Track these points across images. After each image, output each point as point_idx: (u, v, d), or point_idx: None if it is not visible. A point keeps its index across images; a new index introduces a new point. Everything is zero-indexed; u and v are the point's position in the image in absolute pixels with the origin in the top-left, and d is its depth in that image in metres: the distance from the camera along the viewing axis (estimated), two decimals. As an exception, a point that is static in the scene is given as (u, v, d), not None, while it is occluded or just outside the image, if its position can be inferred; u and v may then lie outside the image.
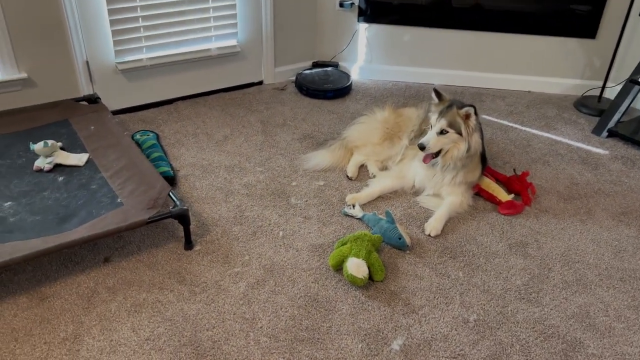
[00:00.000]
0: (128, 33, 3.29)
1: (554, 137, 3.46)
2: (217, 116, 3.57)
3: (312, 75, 4.04)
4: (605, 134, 3.46)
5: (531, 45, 3.95)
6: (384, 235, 2.42)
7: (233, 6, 3.61)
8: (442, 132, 2.55)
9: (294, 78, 4.14)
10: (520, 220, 2.66)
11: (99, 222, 2.23)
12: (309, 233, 2.52)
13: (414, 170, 2.81)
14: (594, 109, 3.78)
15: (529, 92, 4.10)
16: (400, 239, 2.38)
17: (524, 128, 3.56)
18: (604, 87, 3.79)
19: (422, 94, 4.01)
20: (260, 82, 4.07)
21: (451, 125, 2.54)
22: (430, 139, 2.55)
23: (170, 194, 2.41)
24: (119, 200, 2.38)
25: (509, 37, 3.95)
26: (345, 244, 2.33)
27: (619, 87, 3.78)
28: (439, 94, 2.62)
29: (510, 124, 3.61)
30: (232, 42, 3.74)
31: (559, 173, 3.06)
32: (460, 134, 2.55)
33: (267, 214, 2.64)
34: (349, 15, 4.06)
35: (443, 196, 2.72)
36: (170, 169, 2.87)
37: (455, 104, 2.59)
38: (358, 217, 2.60)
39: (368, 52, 4.19)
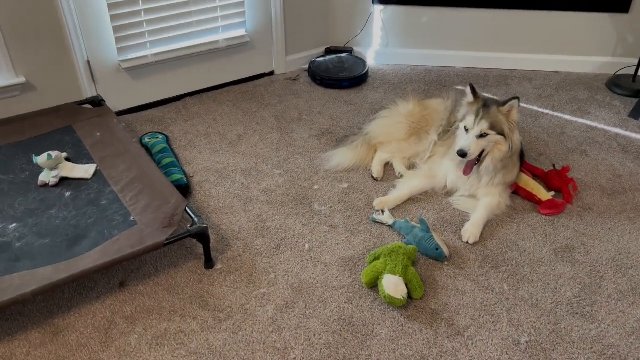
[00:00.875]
0: (130, 28, 3.06)
1: (588, 122, 3.23)
2: (229, 113, 3.36)
3: (326, 63, 3.81)
4: (644, 117, 3.23)
5: (558, 22, 3.69)
6: (419, 246, 2.24)
7: (240, -6, 3.37)
8: (482, 135, 2.33)
9: (306, 66, 3.90)
10: (563, 220, 2.46)
11: (113, 245, 2.06)
12: (337, 244, 2.33)
13: (446, 170, 2.60)
14: (628, 89, 3.54)
15: (557, 72, 3.85)
16: (437, 249, 2.20)
17: (555, 114, 3.34)
18: (639, 64, 3.54)
19: (444, 79, 3.77)
20: (272, 73, 3.84)
21: (493, 126, 2.32)
22: (471, 144, 2.33)
23: (187, 209, 2.22)
24: (132, 218, 2.20)
25: (533, 15, 3.69)
26: (378, 257, 2.15)
27: (656, 65, 3.54)
28: (474, 91, 2.39)
29: (541, 110, 3.39)
30: (241, 31, 3.51)
31: (599, 164, 2.84)
32: (502, 134, 2.34)
33: (290, 224, 2.45)
34: (363, -3, 3.80)
35: (479, 197, 2.52)
36: (183, 176, 2.68)
37: (492, 101, 2.37)
38: (388, 224, 2.41)
39: (384, 36, 3.94)
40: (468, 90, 2.41)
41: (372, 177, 2.75)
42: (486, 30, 3.80)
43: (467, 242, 2.33)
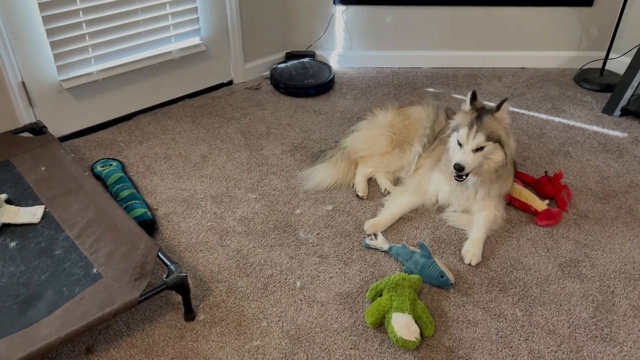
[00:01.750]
0: (71, 43, 2.70)
1: (565, 121, 3.16)
2: (189, 130, 3.05)
3: (289, 69, 3.56)
4: (618, 112, 3.19)
5: (522, 17, 3.60)
6: (421, 274, 2.05)
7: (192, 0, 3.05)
8: (478, 149, 2.17)
9: (267, 74, 3.64)
10: (561, 230, 2.35)
11: (76, 307, 1.74)
12: (331, 278, 2.11)
13: (436, 184, 2.43)
14: (597, 83, 3.51)
15: (523, 68, 3.78)
16: (442, 276, 2.02)
17: (531, 113, 3.25)
18: (606, 59, 3.51)
19: (412, 80, 3.61)
20: (230, 82, 3.55)
21: (489, 137, 2.15)
22: (467, 158, 2.16)
23: (160, 254, 1.93)
24: (95, 270, 1.88)
25: (498, 11, 3.59)
26: (380, 292, 1.95)
27: (622, 59, 3.52)
28: (474, 98, 2.21)
29: (516, 110, 3.28)
30: (195, 40, 3.20)
31: (584, 165, 2.76)
32: (498, 141, 2.18)
33: (275, 257, 2.20)
34: (324, -2, 3.57)
35: (473, 211, 2.36)
36: (147, 209, 2.37)
37: (485, 109, 2.21)
38: (384, 249, 2.21)
39: (347, 38, 3.73)
40: (468, 98, 2.22)
41: (357, 195, 2.54)
42: (452, 28, 3.67)
43: (470, 264, 2.16)
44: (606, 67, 3.56)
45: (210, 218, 2.41)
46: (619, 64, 3.55)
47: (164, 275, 1.85)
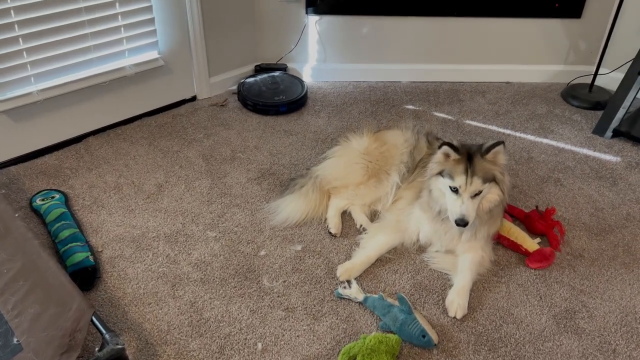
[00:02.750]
0: (6, 60, 2.38)
1: (554, 143, 2.94)
2: (144, 155, 2.75)
3: (258, 84, 3.28)
4: (609, 134, 2.99)
5: (507, 29, 3.39)
6: (400, 332, 1.80)
7: (148, 9, 2.75)
8: (477, 194, 1.93)
9: (234, 89, 3.35)
10: (554, 274, 2.12)
11: (-15, 392, 1.44)
12: (297, 337, 1.84)
13: (417, 222, 2.18)
14: (585, 100, 3.31)
15: (508, 83, 3.56)
16: (424, 336, 1.77)
17: (517, 134, 3.02)
18: (596, 74, 3.31)
19: (390, 96, 3.36)
20: (194, 98, 3.26)
21: (485, 179, 1.92)
22: (469, 208, 1.92)
23: (94, 319, 1.64)
24: (15, 340, 1.59)
25: (481, 22, 3.37)
26: (353, 357, 1.68)
27: (613, 74, 3.32)
28: (456, 149, 1.96)
29: (501, 130, 3.06)
30: (152, 54, 2.90)
31: (576, 195, 2.54)
32: (493, 180, 1.95)
33: (234, 311, 1.93)
34: (295, 7, 3.30)
35: (457, 252, 2.12)
36: (89, 253, 2.08)
37: (473, 149, 1.98)
38: (358, 300, 1.95)
39: (321, 50, 3.46)
40: (446, 149, 1.97)
41: (330, 232, 2.28)
42: (432, 40, 3.44)
43: (455, 317, 1.91)
44: (595, 83, 3.36)
45: (162, 262, 2.12)
46: (608, 79, 3.35)
47: (97, 348, 1.56)
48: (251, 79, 3.32)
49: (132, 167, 2.65)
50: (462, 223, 1.93)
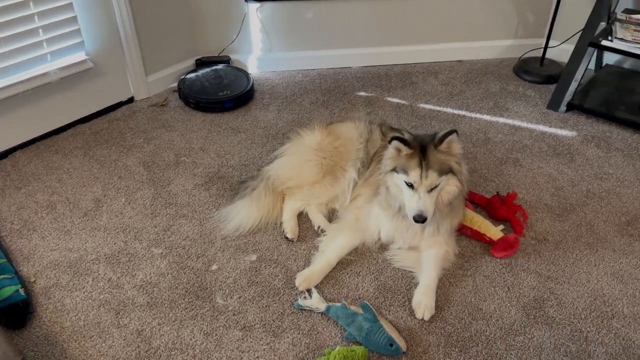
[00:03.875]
0: None
1: (510, 121, 2.88)
2: (79, 167, 2.53)
3: (200, 79, 3.07)
4: (563, 108, 2.94)
5: (455, 6, 3.29)
6: (366, 342, 1.69)
7: (68, 7, 2.50)
8: (433, 188, 1.82)
9: (175, 86, 3.14)
10: (520, 261, 2.05)
11: None
12: (257, 359, 1.70)
13: (377, 220, 2.06)
14: (537, 74, 3.26)
15: (460, 61, 3.47)
16: (392, 345, 1.67)
17: (473, 115, 2.94)
18: (546, 47, 3.25)
19: (342, 83, 3.22)
20: (131, 100, 3.03)
21: (441, 171, 1.81)
22: (426, 203, 1.81)
23: (23, 368, 1.45)
24: None
25: (430, 0, 3.24)
26: (319, 376, 1.56)
27: (563, 46, 3.28)
28: (407, 143, 1.84)
29: (456, 112, 2.97)
30: (79, 55, 2.66)
31: (536, 175, 2.48)
32: (450, 171, 1.84)
33: (186, 336, 1.77)
34: (234, -5, 3.10)
35: (421, 248, 2.02)
36: (19, 286, 1.87)
37: (426, 141, 1.86)
38: (320, 310, 1.83)
39: (265, 39, 3.28)
40: (397, 144, 1.85)
41: (286, 237, 2.14)
42: (381, 22, 3.30)
43: (423, 319, 1.81)
44: (546, 56, 3.30)
45: (104, 287, 1.94)
46: (559, 51, 3.31)
47: (27, 403, 1.38)
48: (192, 75, 3.11)
49: (66, 182, 2.43)
50: (420, 219, 1.82)
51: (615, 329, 1.79)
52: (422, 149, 1.84)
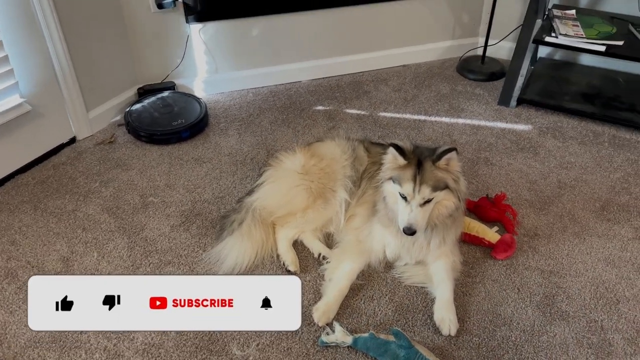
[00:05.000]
0: None
1: (469, 121, 2.96)
2: (33, 223, 2.24)
3: (148, 110, 2.86)
4: (514, 103, 3.07)
5: (395, 12, 3.33)
6: (405, 371, 1.63)
7: (-2, 45, 2.21)
8: (427, 201, 1.79)
9: (120, 119, 2.90)
10: (520, 260, 2.10)
11: None
12: (296, 408, 1.59)
13: (380, 239, 2.01)
14: (480, 72, 3.38)
15: (405, 66, 3.53)
16: (433, 369, 1.62)
17: (433, 118, 2.99)
18: (486, 45, 3.39)
19: (296, 99, 3.15)
20: (73, 140, 2.75)
21: (435, 187, 1.78)
22: (417, 217, 1.78)
23: None
24: None
25: (368, 9, 3.28)
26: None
27: (501, 44, 3.43)
28: (403, 152, 1.81)
29: (416, 117, 3.01)
30: (14, 98, 2.37)
31: (509, 172, 2.57)
32: (447, 187, 1.82)
33: (212, 398, 1.61)
34: (174, 17, 2.92)
35: (428, 262, 2.00)
36: (1, 376, 1.60)
37: (425, 154, 1.84)
38: (347, 344, 1.74)
39: (210, 60, 3.12)
40: (393, 152, 1.82)
41: (288, 270, 2.03)
42: (325, 33, 3.27)
43: (449, 335, 1.79)
44: (486, 54, 3.44)
45: (101, 357, 1.71)
46: (496, 48, 3.46)
47: None
48: (138, 106, 2.88)
49: (21, 244, 2.14)
50: (409, 232, 1.80)
51: (624, 314, 1.88)
52: (419, 162, 1.82)
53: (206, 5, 2.91)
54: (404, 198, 1.81)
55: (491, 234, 2.12)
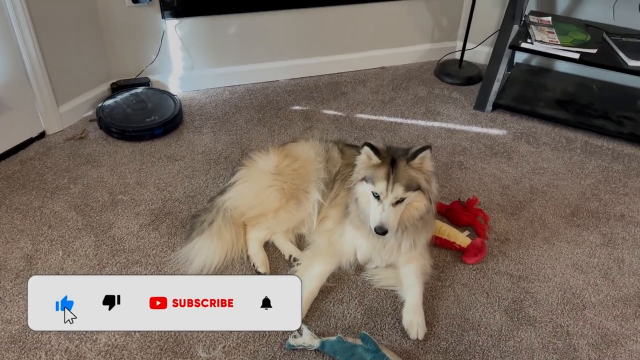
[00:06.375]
0: None
1: (444, 125, 2.97)
2: (-4, 220, 2.18)
3: (121, 106, 2.80)
4: (489, 107, 3.09)
5: (374, 14, 3.33)
6: (372, 375, 1.62)
7: (-36, 35, 2.14)
8: (398, 201, 1.78)
9: (92, 114, 2.84)
10: (490, 264, 2.11)
11: None
12: (261, 412, 1.57)
13: (351, 241, 2.00)
14: (457, 76, 3.40)
15: (383, 68, 3.53)
16: (399, 374, 1.62)
17: (409, 121, 2.99)
18: (464, 49, 3.40)
19: (273, 98, 3.13)
20: (42, 134, 2.68)
21: (408, 186, 1.78)
22: (389, 216, 1.77)
23: None
24: None
25: (349, 9, 3.27)
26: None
27: (479, 48, 3.45)
28: (377, 151, 1.81)
29: (392, 119, 3.01)
30: (-21, 90, 2.29)
31: (482, 176, 2.58)
32: (419, 188, 1.82)
33: (174, 401, 1.58)
34: (149, 12, 2.87)
35: (399, 265, 2.00)
36: (-45, 378, 1.55)
37: (399, 154, 1.83)
38: (314, 347, 1.73)
39: (186, 57, 3.08)
40: (367, 151, 1.81)
41: (258, 272, 2.01)
42: (304, 33, 3.25)
43: (417, 339, 1.79)
44: (464, 58, 3.46)
45: (62, 358, 1.68)
46: (473, 53, 3.48)
47: None
48: (111, 101, 2.83)
49: (-17, 240, 2.08)
50: (380, 231, 1.79)
51: (590, 319, 1.90)
52: (392, 161, 1.81)
53: (183, 1, 2.87)
54: (377, 197, 1.80)
55: (462, 238, 2.12)
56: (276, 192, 2.11)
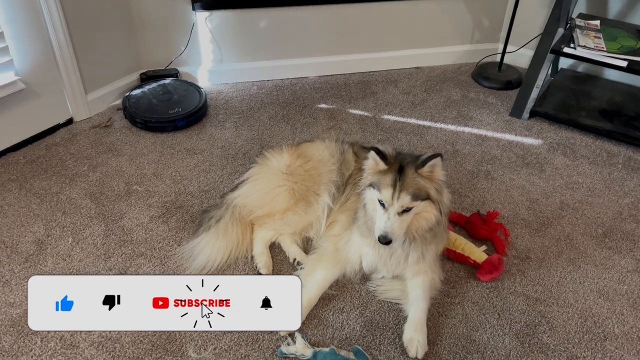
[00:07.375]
0: None
1: (475, 131, 2.82)
2: (15, 203, 2.23)
3: (147, 96, 2.82)
4: (526, 115, 2.92)
5: (411, 12, 3.22)
6: (362, 392, 1.54)
7: (-7, 21, 2.20)
8: (405, 210, 1.69)
9: (119, 104, 2.87)
10: (507, 283, 1.97)
11: None
12: (243, 420, 1.52)
13: (358, 249, 1.92)
14: (496, 80, 3.23)
15: (418, 68, 3.40)
16: (390, 394, 1.53)
17: (438, 125, 2.87)
18: (504, 52, 3.23)
19: (300, 95, 3.07)
20: (70, 121, 2.74)
21: (416, 196, 1.68)
22: (393, 225, 1.68)
23: None
24: None
25: (385, 7, 3.16)
26: None
27: (521, 51, 3.27)
28: (384, 157, 1.72)
29: (421, 122, 2.89)
30: (9, 75, 2.37)
31: (509, 188, 2.43)
32: (428, 198, 1.72)
33: (159, 400, 1.56)
34: (180, 3, 2.87)
35: (406, 277, 1.90)
36: (-49, 357, 1.58)
37: (407, 160, 1.73)
38: (306, 357, 1.67)
39: (216, 50, 3.06)
40: (374, 155, 1.72)
41: (260, 273, 1.96)
42: (337, 30, 3.17)
43: (416, 358, 1.69)
44: (504, 61, 3.28)
45: (56, 348, 1.69)
46: (515, 56, 3.30)
47: None
48: (138, 91, 2.85)
49: (-1, 222, 2.13)
50: (383, 241, 1.69)
51: (610, 352, 1.74)
52: (400, 168, 1.72)
53: (214, -6, 2.86)
54: (382, 205, 1.71)
55: (478, 253, 2.00)
56: (285, 193, 2.06)
